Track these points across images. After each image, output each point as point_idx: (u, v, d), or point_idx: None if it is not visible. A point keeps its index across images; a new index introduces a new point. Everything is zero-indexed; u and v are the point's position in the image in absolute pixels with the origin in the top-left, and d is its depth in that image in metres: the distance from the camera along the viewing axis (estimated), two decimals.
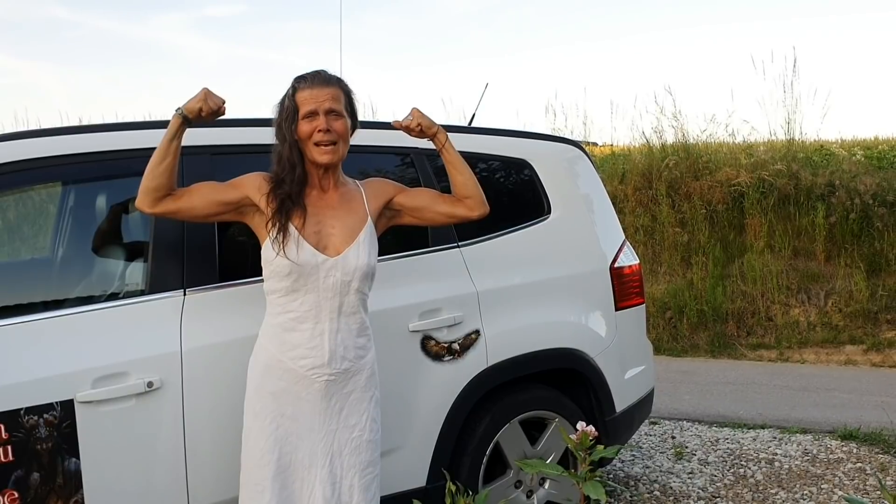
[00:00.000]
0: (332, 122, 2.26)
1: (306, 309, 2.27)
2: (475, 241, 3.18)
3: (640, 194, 10.14)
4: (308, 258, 2.24)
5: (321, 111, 2.25)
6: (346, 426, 2.33)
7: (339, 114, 2.28)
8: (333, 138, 2.26)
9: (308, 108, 2.25)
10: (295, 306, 2.27)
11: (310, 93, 2.26)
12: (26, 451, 2.25)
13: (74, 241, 3.12)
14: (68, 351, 2.35)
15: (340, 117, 2.29)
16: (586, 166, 3.74)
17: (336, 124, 2.27)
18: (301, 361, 2.27)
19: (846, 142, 12.04)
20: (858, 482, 4.23)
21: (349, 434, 2.34)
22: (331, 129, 2.25)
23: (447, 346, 2.98)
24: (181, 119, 2.21)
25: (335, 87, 2.29)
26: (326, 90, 2.26)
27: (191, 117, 2.22)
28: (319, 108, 2.25)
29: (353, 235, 2.32)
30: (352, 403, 2.34)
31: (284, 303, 2.28)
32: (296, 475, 2.29)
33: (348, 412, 2.34)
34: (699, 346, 8.30)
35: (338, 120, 2.28)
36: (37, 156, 2.45)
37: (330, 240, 2.30)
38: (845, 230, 8.98)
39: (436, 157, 3.18)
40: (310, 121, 2.25)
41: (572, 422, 3.20)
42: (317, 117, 2.25)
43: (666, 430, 5.31)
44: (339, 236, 2.31)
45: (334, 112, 2.27)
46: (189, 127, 2.24)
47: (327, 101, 2.26)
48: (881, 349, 7.81)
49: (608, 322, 3.53)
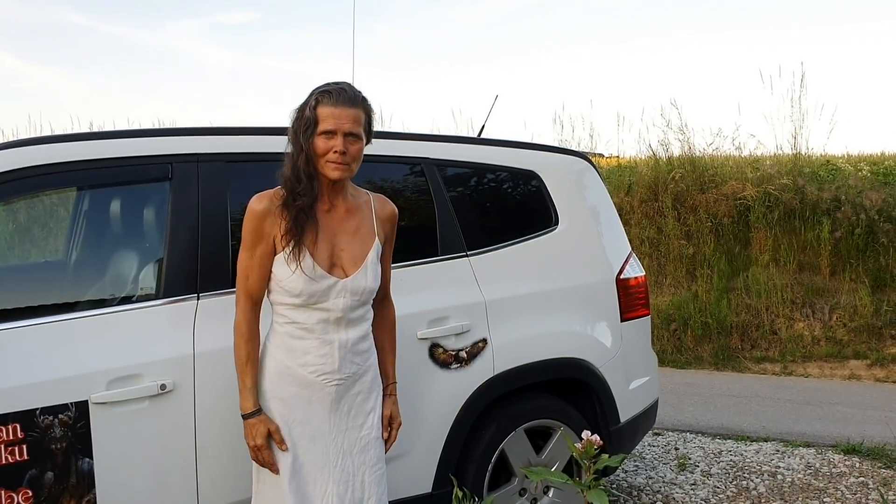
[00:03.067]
0: (350, 145, 2.23)
1: (315, 322, 2.29)
2: (484, 250, 3.22)
3: (646, 206, 10.17)
4: (319, 281, 2.25)
5: (340, 132, 2.21)
6: (355, 426, 2.38)
7: (357, 136, 2.25)
8: (348, 160, 2.24)
9: (328, 126, 2.21)
10: (303, 318, 2.29)
11: (332, 111, 2.21)
12: (41, 451, 2.29)
13: (89, 245, 3.17)
14: (83, 353, 2.39)
15: (358, 141, 2.26)
16: (594, 178, 3.78)
17: (353, 147, 2.25)
18: (311, 368, 2.29)
19: (853, 157, 12.05)
20: (861, 496, 4.25)
21: (358, 433, 2.38)
22: (347, 152, 2.23)
23: (455, 353, 3.02)
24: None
25: (358, 109, 2.26)
26: (349, 111, 2.23)
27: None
28: (339, 129, 2.21)
29: (362, 257, 2.34)
30: (359, 404, 2.39)
31: (293, 314, 2.30)
32: (309, 476, 2.32)
33: (356, 412, 2.38)
34: (703, 359, 8.31)
35: (355, 143, 2.25)
36: (52, 161, 2.49)
37: (339, 261, 2.31)
38: (850, 245, 8.99)
39: (445, 167, 3.23)
40: (327, 138, 2.22)
41: (577, 431, 3.23)
42: (335, 137, 2.21)
43: (669, 442, 5.33)
44: (348, 258, 2.32)
45: (353, 135, 2.24)
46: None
47: (348, 124, 2.22)
48: (885, 364, 7.81)
49: (614, 333, 3.57)
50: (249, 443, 2.29)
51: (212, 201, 2.66)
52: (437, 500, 2.98)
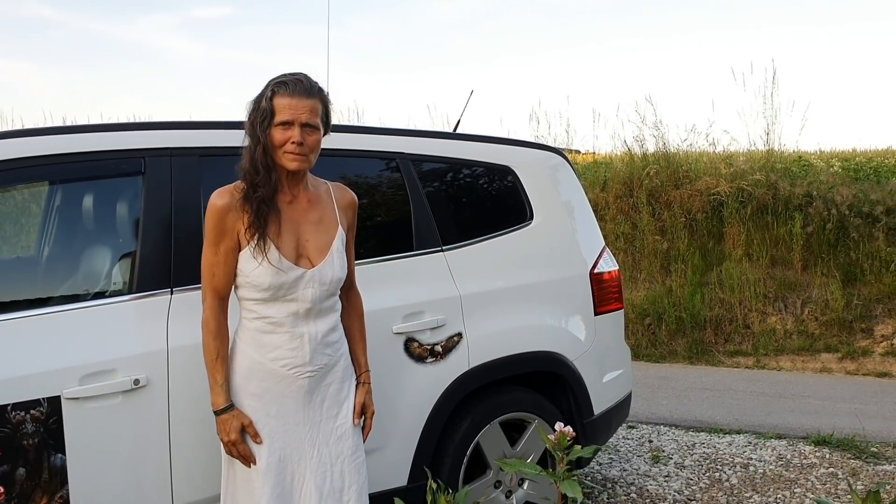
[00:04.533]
0: (307, 136, 2.23)
1: (284, 315, 2.28)
2: (459, 245, 3.24)
3: (621, 202, 10.24)
4: (287, 272, 2.25)
5: (297, 123, 2.21)
6: (329, 416, 2.38)
7: (314, 127, 2.25)
8: (305, 151, 2.23)
9: (284, 118, 2.21)
10: (272, 312, 2.28)
11: (289, 101, 2.21)
12: (12, 447, 2.27)
13: (61, 240, 3.14)
14: (56, 348, 2.38)
15: (316, 131, 2.26)
16: (568, 173, 3.81)
17: (310, 138, 2.24)
18: (282, 362, 2.29)
19: (825, 153, 12.19)
20: (830, 486, 4.32)
21: (333, 423, 2.39)
22: (304, 143, 2.22)
23: (430, 348, 3.03)
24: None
25: (315, 99, 2.25)
26: (306, 102, 2.22)
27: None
28: (296, 120, 2.21)
29: (328, 246, 2.34)
30: (332, 394, 2.39)
31: (261, 309, 2.29)
32: (286, 469, 2.32)
33: (329, 403, 2.39)
34: (677, 353, 8.40)
35: (313, 134, 2.25)
36: (23, 155, 2.47)
37: (305, 251, 2.31)
38: (822, 240, 9.10)
39: (420, 162, 3.24)
40: (284, 129, 2.21)
41: (551, 423, 3.25)
42: (292, 128, 2.21)
43: (643, 434, 5.39)
44: (313, 248, 2.32)
45: (310, 126, 2.24)
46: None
47: (305, 114, 2.22)
48: (855, 357, 7.95)
49: (587, 326, 3.60)
50: (223, 438, 2.28)
51: (185, 196, 2.65)
52: (413, 493, 3.00)
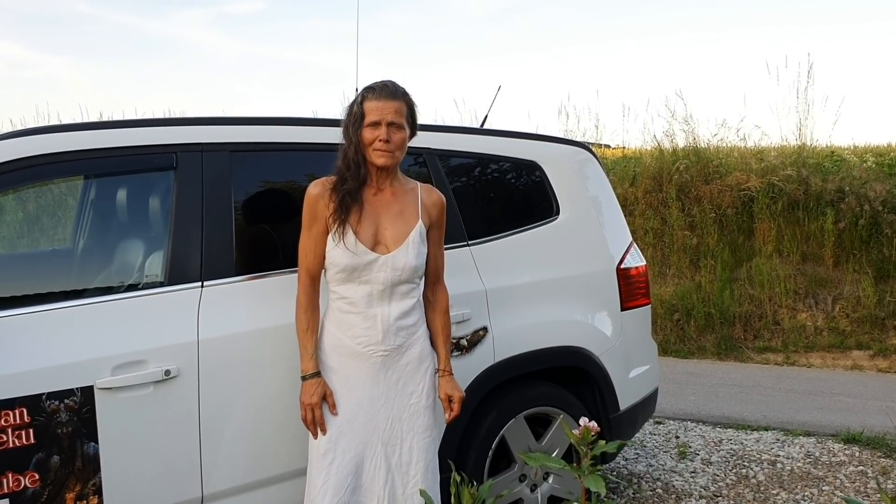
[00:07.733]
0: (393, 134, 2.46)
1: (360, 296, 2.49)
2: (485, 240, 3.25)
3: (650, 197, 10.18)
4: (361, 256, 2.45)
5: (384, 122, 2.45)
6: (404, 394, 2.56)
7: (399, 126, 2.48)
8: (392, 148, 2.46)
9: (373, 118, 2.45)
10: (350, 293, 2.49)
11: (376, 104, 2.46)
12: (47, 435, 2.33)
13: (96, 233, 3.20)
14: (89, 339, 2.43)
15: (401, 130, 2.49)
16: (595, 169, 3.80)
17: (396, 136, 2.47)
18: (358, 340, 2.50)
19: (859, 148, 12.01)
20: (859, 485, 4.28)
21: (407, 401, 2.57)
22: (390, 140, 2.45)
23: (455, 341, 3.05)
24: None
25: (400, 101, 2.49)
26: (392, 103, 2.47)
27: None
28: (383, 120, 2.45)
29: (404, 236, 2.53)
30: (408, 374, 2.57)
31: (341, 290, 2.51)
32: (358, 439, 2.50)
33: (405, 382, 2.56)
34: (706, 349, 8.34)
35: (398, 132, 2.48)
36: (58, 150, 2.52)
37: (383, 239, 2.51)
38: (854, 236, 8.99)
39: (448, 158, 3.26)
40: (373, 129, 2.46)
41: (577, 418, 3.25)
42: (379, 127, 2.45)
43: (670, 430, 5.37)
44: (391, 237, 2.52)
45: (395, 125, 2.47)
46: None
47: (391, 114, 2.46)
48: (888, 355, 7.84)
49: (614, 322, 3.60)
50: (304, 401, 2.48)
51: (216, 190, 2.69)
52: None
